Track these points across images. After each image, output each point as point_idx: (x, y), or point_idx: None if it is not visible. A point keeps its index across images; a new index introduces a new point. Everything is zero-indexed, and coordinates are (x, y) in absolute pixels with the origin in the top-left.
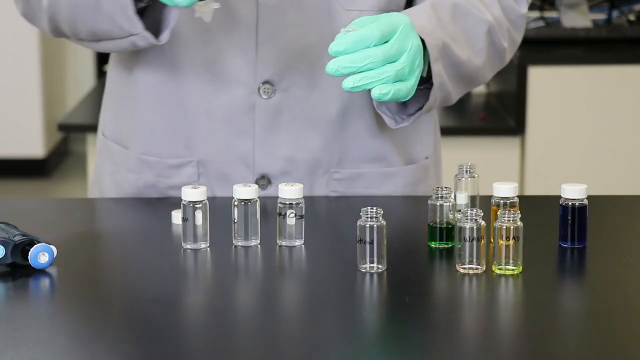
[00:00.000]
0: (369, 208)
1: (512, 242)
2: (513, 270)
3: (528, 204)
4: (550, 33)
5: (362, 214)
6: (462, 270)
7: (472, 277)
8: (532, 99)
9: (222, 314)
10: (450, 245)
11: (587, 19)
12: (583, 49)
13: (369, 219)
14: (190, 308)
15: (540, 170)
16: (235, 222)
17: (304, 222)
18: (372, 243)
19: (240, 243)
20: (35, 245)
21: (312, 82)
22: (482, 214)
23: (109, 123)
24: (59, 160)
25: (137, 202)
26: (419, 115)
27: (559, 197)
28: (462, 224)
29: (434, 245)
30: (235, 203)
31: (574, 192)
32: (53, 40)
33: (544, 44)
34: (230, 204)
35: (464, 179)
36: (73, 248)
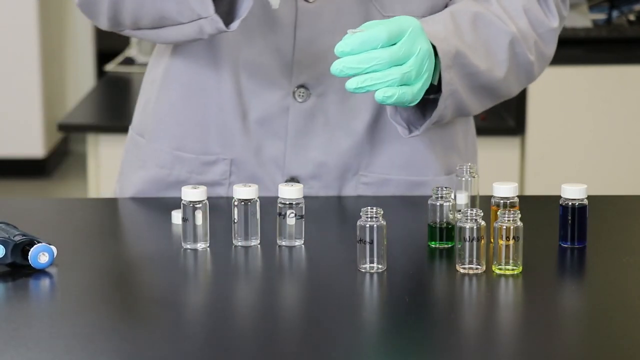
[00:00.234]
0: (369, 208)
1: (512, 242)
2: (513, 270)
3: (528, 204)
4: None
5: (362, 214)
6: (462, 270)
7: (472, 277)
8: (532, 99)
9: (222, 314)
10: (450, 245)
11: (587, 19)
12: (583, 49)
13: (369, 219)
14: (190, 308)
15: (540, 170)
16: (235, 222)
17: (304, 222)
18: (372, 243)
19: (240, 243)
20: (35, 245)
21: None
22: (482, 214)
23: (139, 117)
24: (59, 160)
25: (137, 202)
26: (429, 124)
27: (559, 197)
28: (462, 224)
29: (434, 245)
30: (235, 203)
31: (574, 192)
32: (53, 40)
33: None
34: (234, 204)
35: (464, 179)
36: (73, 248)
